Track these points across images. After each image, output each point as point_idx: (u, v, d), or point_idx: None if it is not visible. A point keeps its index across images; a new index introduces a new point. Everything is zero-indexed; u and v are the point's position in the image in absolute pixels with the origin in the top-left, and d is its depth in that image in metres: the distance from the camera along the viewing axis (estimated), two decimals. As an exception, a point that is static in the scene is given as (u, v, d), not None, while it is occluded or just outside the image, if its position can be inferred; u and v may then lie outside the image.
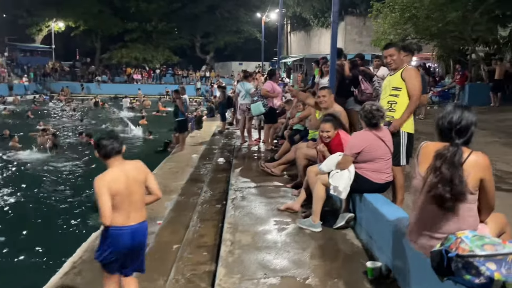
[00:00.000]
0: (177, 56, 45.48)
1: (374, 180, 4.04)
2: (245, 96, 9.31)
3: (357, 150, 3.98)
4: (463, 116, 2.45)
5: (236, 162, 7.58)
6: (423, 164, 2.53)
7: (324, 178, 4.16)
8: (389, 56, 4.35)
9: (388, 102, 4.35)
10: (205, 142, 12.87)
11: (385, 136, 4.00)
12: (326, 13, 33.91)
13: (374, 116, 3.93)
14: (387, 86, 4.46)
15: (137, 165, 3.30)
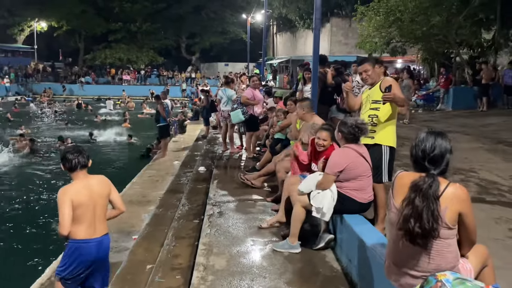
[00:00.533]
0: (162, 57, 45.06)
1: (358, 200, 3.85)
2: (227, 103, 9.09)
3: (340, 168, 3.78)
4: (436, 143, 2.29)
5: (217, 172, 7.37)
6: (398, 196, 2.34)
7: (304, 199, 3.95)
8: (364, 72, 4.22)
9: (369, 116, 4.18)
10: (188, 148, 12.63)
11: (364, 152, 3.83)
12: (311, 15, 33.74)
13: (361, 130, 3.76)
14: (366, 101, 4.30)
15: (101, 180, 3.41)
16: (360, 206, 3.91)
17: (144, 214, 6.84)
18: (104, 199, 3.34)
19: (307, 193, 3.93)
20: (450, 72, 17.23)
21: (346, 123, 3.80)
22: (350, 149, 3.79)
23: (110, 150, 16.43)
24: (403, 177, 2.39)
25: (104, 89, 38.36)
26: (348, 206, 3.87)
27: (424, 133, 2.34)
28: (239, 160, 8.50)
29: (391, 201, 2.41)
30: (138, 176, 9.59)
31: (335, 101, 7.72)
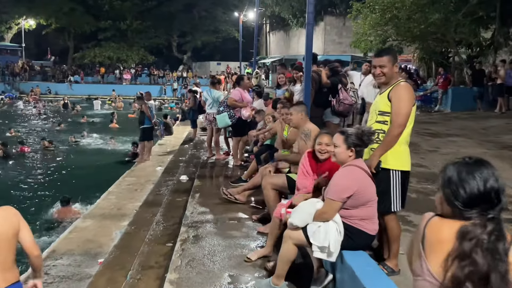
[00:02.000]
0: (153, 55, 44.12)
1: (368, 232, 3.09)
2: (212, 105, 8.35)
3: (350, 193, 2.99)
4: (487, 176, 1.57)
5: (198, 183, 6.62)
6: (436, 256, 1.55)
7: (297, 236, 3.14)
8: (380, 68, 3.41)
9: (375, 130, 3.46)
10: (173, 152, 11.88)
11: (368, 170, 3.12)
12: (305, 13, 33.01)
13: (368, 136, 3.08)
14: (373, 110, 3.55)
15: (4, 215, 2.52)
16: (370, 239, 3.18)
17: (115, 231, 6.07)
18: (9, 241, 2.48)
19: (301, 227, 3.16)
20: (449, 72, 16.60)
21: (347, 132, 3.07)
22: (357, 167, 3.04)
23: (93, 153, 15.60)
24: (440, 228, 1.59)
25: (94, 89, 37.46)
26: (358, 240, 3.11)
27: (465, 165, 1.61)
28: (225, 168, 7.76)
29: (421, 263, 1.64)
30: (116, 184, 8.81)
31: (329, 103, 7.00)
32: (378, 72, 3.45)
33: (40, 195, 10.18)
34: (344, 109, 6.82)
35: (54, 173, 12.61)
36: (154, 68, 42.98)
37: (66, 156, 15.05)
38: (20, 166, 13.29)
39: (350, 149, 3.06)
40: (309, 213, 3.13)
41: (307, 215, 3.13)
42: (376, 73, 3.48)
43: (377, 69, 3.45)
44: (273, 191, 4.37)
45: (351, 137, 3.03)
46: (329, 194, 3.05)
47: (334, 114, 7.03)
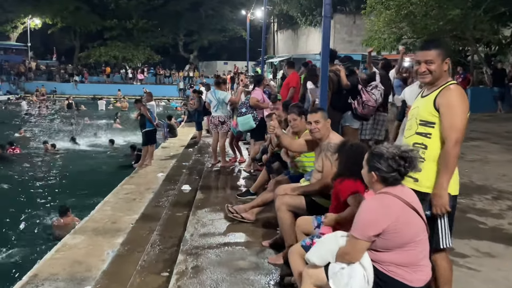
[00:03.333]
0: (159, 55, 43.54)
1: (410, 284, 2.31)
2: (217, 107, 7.64)
3: (377, 230, 2.25)
4: None
5: (201, 195, 5.91)
6: None
7: (317, 275, 2.44)
8: (426, 64, 2.69)
9: (415, 145, 2.72)
10: (176, 156, 11.21)
11: (412, 199, 2.37)
12: (314, 11, 32.38)
13: (409, 162, 2.31)
14: (413, 117, 2.82)
15: None
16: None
17: (107, 250, 5.38)
18: None
19: (321, 266, 2.46)
20: (468, 72, 15.78)
21: (382, 154, 2.32)
22: (392, 196, 2.29)
23: (93, 156, 14.97)
24: None
25: (99, 88, 37.00)
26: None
27: None
28: (231, 177, 7.05)
29: None
30: (113, 193, 8.13)
31: (349, 106, 6.27)
32: (423, 69, 2.73)
33: (36, 203, 9.53)
34: (368, 111, 6.10)
35: (53, 178, 11.99)
36: (160, 67, 42.45)
37: (68, 159, 14.44)
38: (17, 170, 12.68)
39: (382, 177, 2.33)
40: (331, 250, 2.42)
41: (328, 252, 2.43)
42: (420, 70, 2.75)
43: (422, 65, 2.73)
44: (289, 213, 3.64)
45: (385, 162, 2.29)
46: (353, 230, 2.32)
47: (356, 118, 6.32)
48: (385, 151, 2.31)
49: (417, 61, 2.79)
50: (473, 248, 3.96)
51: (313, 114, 3.75)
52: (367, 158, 2.35)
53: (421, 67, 2.73)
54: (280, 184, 4.51)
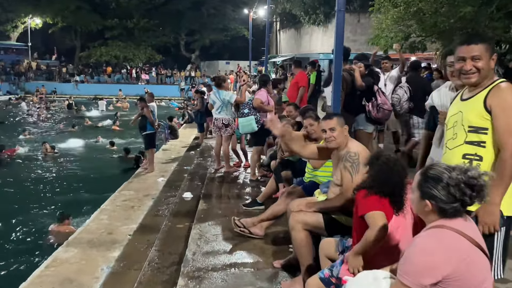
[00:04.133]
0: (160, 54, 43.14)
1: None
2: (221, 109, 7.16)
3: (435, 278, 1.72)
4: None
5: (204, 205, 5.44)
6: None
7: None
8: (472, 60, 2.26)
9: (465, 156, 2.27)
10: (177, 159, 10.76)
11: (476, 233, 1.85)
12: (317, 10, 31.93)
13: (477, 191, 1.78)
14: (457, 122, 2.37)
15: None
16: None
17: (102, 265, 4.94)
18: None
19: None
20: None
21: (441, 179, 1.79)
22: (453, 232, 1.77)
23: (92, 158, 14.53)
24: None
25: (100, 88, 36.58)
26: None
27: None
28: (236, 183, 6.59)
29: None
30: (110, 199, 7.69)
31: (363, 108, 5.81)
32: (468, 67, 2.28)
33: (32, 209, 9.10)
34: (383, 115, 5.65)
35: (51, 181, 11.57)
36: (162, 67, 42.05)
37: (67, 161, 14.02)
38: (13, 173, 12.25)
39: (439, 208, 1.83)
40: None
41: None
42: (466, 68, 2.30)
43: (468, 62, 2.29)
44: (305, 233, 3.18)
45: (445, 189, 1.79)
46: (402, 274, 1.79)
47: (369, 121, 5.85)
48: (446, 176, 1.80)
49: (459, 57, 2.33)
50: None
51: (327, 120, 3.25)
52: (419, 181, 1.86)
53: (467, 64, 2.28)
54: (292, 196, 4.07)
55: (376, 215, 2.48)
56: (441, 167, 1.83)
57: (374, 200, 2.51)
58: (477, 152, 2.24)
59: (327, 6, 31.37)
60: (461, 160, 2.22)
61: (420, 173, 1.87)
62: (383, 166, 2.47)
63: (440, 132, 2.87)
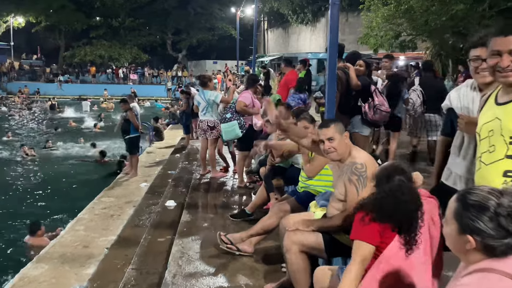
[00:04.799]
0: (146, 54, 42.41)
1: None
2: (207, 110, 6.71)
3: None
4: None
5: (187, 216, 4.98)
6: None
7: None
8: (510, 54, 1.83)
9: (506, 174, 1.83)
10: (162, 162, 10.28)
11: None
12: (305, 8, 31.60)
13: None
14: (494, 131, 1.92)
15: None
16: None
17: (74, 284, 4.46)
18: None
19: None
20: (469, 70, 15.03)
21: (487, 207, 1.35)
22: (507, 278, 1.31)
23: (73, 161, 13.96)
24: None
25: (85, 89, 35.80)
26: None
27: None
28: (223, 190, 6.13)
29: None
30: (88, 208, 7.19)
31: (359, 109, 5.41)
32: (506, 63, 1.85)
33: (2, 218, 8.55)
34: (380, 117, 5.26)
35: (31, 186, 11.03)
36: (148, 67, 41.37)
37: (46, 164, 13.45)
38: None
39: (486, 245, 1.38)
40: None
41: None
42: (502, 65, 1.86)
43: (505, 57, 1.85)
44: (302, 256, 2.75)
45: (493, 220, 1.34)
46: None
47: (365, 124, 5.46)
48: (493, 203, 1.36)
49: (494, 51, 1.90)
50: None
51: (324, 129, 2.80)
52: (456, 210, 1.42)
53: (504, 60, 1.85)
54: (285, 208, 3.65)
55: (362, 246, 2.11)
56: (484, 190, 1.41)
57: (371, 228, 2.11)
58: None
59: (315, 5, 31.08)
60: (502, 179, 1.79)
61: (456, 198, 1.44)
62: (394, 193, 2.07)
63: (460, 139, 2.46)
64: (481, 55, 2.26)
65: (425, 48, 18.05)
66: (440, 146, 2.71)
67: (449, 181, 2.50)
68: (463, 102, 2.46)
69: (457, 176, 2.45)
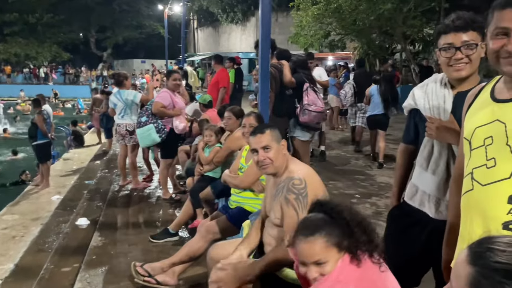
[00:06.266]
0: (68, 52, 39.84)
1: None
2: (125, 112, 5.93)
3: None
4: None
5: (99, 239, 4.23)
6: None
7: None
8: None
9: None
10: (79, 171, 9.24)
11: None
12: (235, 8, 31.18)
13: None
14: (494, 138, 1.38)
15: None
16: None
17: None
18: None
19: None
20: (396, 69, 15.32)
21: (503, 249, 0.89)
22: None
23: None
24: None
25: (0, 89, 32.86)
26: None
27: None
28: (146, 204, 5.40)
29: None
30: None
31: (295, 110, 4.95)
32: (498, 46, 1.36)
33: None
34: (310, 118, 4.79)
35: None
36: (70, 66, 38.92)
37: None
38: None
39: None
40: None
41: None
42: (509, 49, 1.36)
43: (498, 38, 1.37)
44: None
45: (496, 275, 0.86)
46: None
47: (300, 126, 5.00)
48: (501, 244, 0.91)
49: (499, 29, 1.38)
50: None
51: (258, 135, 2.29)
52: (474, 279, 0.90)
53: (495, 41, 1.37)
54: (214, 230, 3.06)
55: None
56: (507, 244, 0.91)
57: None
58: None
59: (245, 4, 30.73)
60: (507, 207, 1.30)
61: (470, 260, 0.93)
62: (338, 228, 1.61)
63: (428, 148, 2.00)
64: (454, 43, 1.82)
65: (354, 47, 18.26)
66: (402, 156, 2.24)
67: (415, 201, 2.04)
68: (433, 100, 1.99)
69: (425, 195, 1.99)
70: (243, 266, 2.20)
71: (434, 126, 1.87)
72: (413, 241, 2.01)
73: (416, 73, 15.23)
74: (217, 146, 4.18)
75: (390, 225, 2.23)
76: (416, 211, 2.02)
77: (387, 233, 2.22)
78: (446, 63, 1.86)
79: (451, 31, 1.81)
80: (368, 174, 7.02)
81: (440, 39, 1.87)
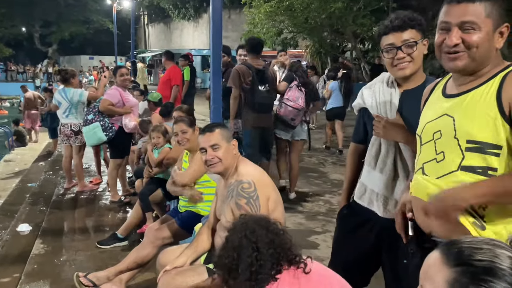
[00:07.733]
0: (10, 48, 37.83)
1: None
2: (69, 111, 5.63)
3: None
4: None
5: (41, 246, 3.97)
6: None
7: None
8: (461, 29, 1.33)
9: None
10: (22, 173, 8.74)
11: None
12: (187, 3, 30.75)
13: None
14: (443, 132, 1.40)
15: None
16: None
17: None
18: None
19: None
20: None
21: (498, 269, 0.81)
22: None
23: None
24: None
25: None
26: None
27: None
28: (93, 207, 5.15)
29: None
30: None
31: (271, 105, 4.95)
32: (455, 40, 1.34)
33: None
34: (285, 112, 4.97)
35: None
36: (12, 62, 36.97)
37: None
38: None
39: None
40: None
41: None
42: (450, 43, 1.35)
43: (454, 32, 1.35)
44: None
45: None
46: None
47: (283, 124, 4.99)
48: (507, 263, 0.85)
49: (442, 24, 1.38)
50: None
51: (206, 134, 2.24)
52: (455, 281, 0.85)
53: (451, 36, 1.35)
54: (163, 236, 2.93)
55: None
56: (481, 242, 0.89)
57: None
58: (478, 178, 1.32)
59: (197, 0, 30.39)
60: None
61: (447, 261, 0.88)
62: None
63: (376, 147, 1.98)
64: (395, 43, 1.81)
65: (306, 46, 18.48)
66: (351, 156, 2.21)
67: (364, 200, 2.03)
68: (379, 100, 1.97)
69: (374, 193, 1.98)
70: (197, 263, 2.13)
71: (381, 124, 1.85)
72: (362, 241, 2.01)
73: (367, 71, 15.61)
74: (167, 147, 4.03)
75: (339, 224, 2.21)
76: (365, 210, 2.01)
77: (336, 233, 2.21)
78: (390, 64, 1.86)
79: (391, 31, 1.82)
80: (321, 172, 7.07)
81: (381, 41, 1.87)
